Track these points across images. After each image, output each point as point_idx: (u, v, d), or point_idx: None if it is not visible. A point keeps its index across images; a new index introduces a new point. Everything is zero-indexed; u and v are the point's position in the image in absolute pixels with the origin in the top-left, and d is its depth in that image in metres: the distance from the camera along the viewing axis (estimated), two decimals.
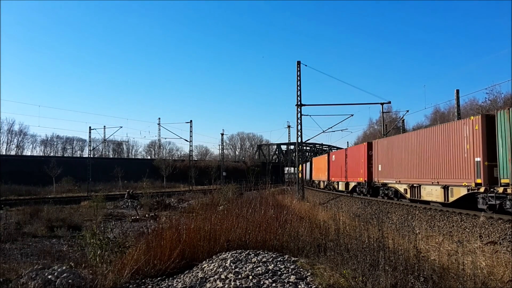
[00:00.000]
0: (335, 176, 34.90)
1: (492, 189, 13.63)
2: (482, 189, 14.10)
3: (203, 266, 7.11)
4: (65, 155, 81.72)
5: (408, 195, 20.03)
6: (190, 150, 59.73)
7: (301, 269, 6.37)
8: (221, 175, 62.85)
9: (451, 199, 16.20)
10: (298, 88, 29.50)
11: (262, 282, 5.62)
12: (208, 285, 5.89)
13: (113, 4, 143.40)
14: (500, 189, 13.16)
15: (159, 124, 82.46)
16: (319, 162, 44.84)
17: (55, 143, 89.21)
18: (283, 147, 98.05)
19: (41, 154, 79.79)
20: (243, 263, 6.76)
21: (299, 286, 5.48)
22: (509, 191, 12.77)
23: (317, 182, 45.76)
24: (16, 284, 6.21)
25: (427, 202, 18.38)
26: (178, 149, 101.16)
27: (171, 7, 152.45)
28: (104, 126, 75.54)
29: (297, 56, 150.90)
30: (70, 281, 6.12)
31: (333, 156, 36.49)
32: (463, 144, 15.35)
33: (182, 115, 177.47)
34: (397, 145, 21.85)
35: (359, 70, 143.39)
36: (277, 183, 56.83)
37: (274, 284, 5.52)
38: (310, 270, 6.30)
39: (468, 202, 15.33)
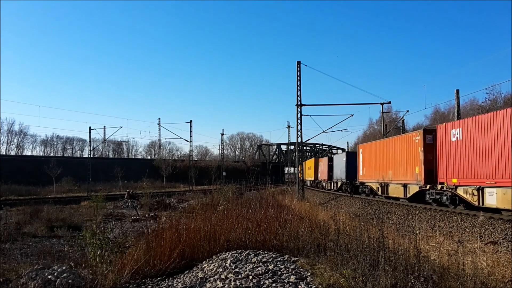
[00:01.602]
0: (469, 177, 15.43)
1: None
2: None
3: (203, 266, 7.11)
4: (65, 155, 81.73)
5: None
6: (190, 150, 59.70)
7: (301, 269, 6.37)
8: (221, 175, 62.78)
9: None
10: (298, 88, 29.53)
11: (262, 282, 5.61)
12: (208, 285, 5.89)
13: (114, 3, 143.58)
14: None
15: (159, 124, 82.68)
16: (392, 146, 22.80)
17: (55, 143, 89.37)
18: (283, 147, 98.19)
19: (41, 154, 79.86)
20: (243, 263, 6.76)
21: (299, 286, 5.48)
22: None
23: (377, 187, 24.32)
24: (16, 284, 6.20)
25: None
26: (178, 149, 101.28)
27: (171, 6, 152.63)
28: (104, 126, 75.55)
29: (297, 56, 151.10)
30: (70, 281, 6.12)
31: (458, 132, 16.15)
32: None
33: (182, 115, 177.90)
34: None
35: (359, 70, 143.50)
36: (277, 183, 56.93)
37: (274, 284, 5.52)
38: (310, 270, 6.30)
39: None
